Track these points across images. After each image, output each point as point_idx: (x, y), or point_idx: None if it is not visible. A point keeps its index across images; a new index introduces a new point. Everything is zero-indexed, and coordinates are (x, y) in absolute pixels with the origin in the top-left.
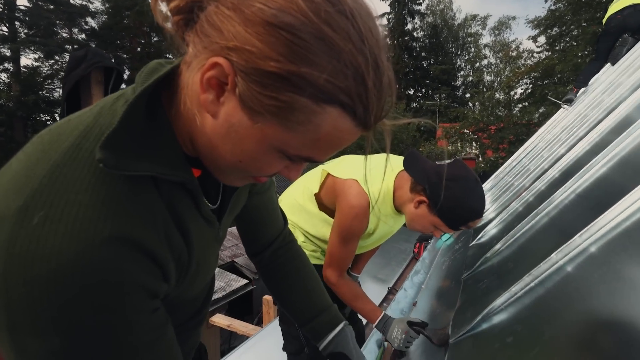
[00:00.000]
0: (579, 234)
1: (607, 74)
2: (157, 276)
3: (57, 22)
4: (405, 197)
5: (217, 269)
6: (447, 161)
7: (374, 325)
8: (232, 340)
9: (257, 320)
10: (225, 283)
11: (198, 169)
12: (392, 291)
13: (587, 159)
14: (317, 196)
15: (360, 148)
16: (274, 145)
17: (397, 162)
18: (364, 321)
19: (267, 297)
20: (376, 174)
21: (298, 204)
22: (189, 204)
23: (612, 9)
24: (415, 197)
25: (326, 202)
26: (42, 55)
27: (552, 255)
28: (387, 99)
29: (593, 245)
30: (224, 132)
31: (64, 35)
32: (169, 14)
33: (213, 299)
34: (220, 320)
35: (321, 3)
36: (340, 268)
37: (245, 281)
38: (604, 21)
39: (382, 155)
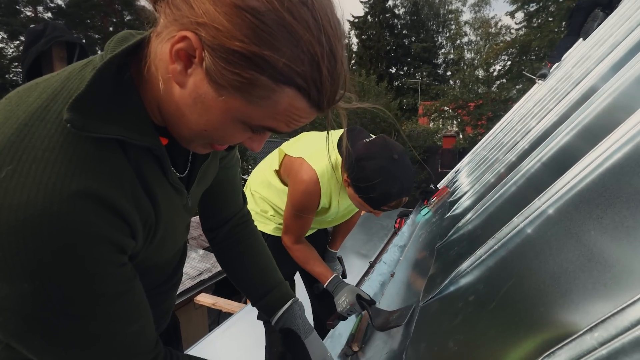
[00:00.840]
0: (538, 197)
1: (578, 49)
2: (124, 232)
3: None
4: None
5: (203, 251)
6: (372, 137)
7: (325, 286)
8: (220, 319)
9: (244, 299)
10: (211, 264)
11: (165, 138)
12: (373, 265)
13: (553, 130)
14: (277, 173)
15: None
16: (237, 117)
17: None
18: None
19: None
20: (326, 151)
21: (266, 179)
22: (156, 170)
23: None
24: (344, 176)
25: (284, 179)
26: (5, 36)
27: (514, 218)
28: (341, 85)
29: (551, 207)
30: (190, 101)
31: (28, 14)
32: None
33: (199, 280)
34: (205, 299)
35: None
36: (296, 236)
37: None
38: None
39: (341, 131)
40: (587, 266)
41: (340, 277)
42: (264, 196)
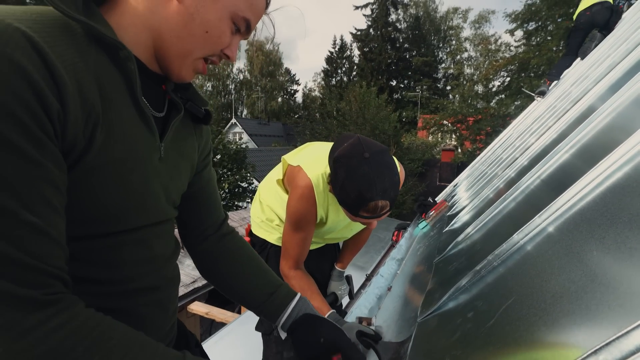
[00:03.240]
0: (538, 214)
1: (577, 68)
2: (48, 84)
3: None
4: None
5: None
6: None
7: None
8: (212, 329)
9: (237, 309)
10: None
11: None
12: (369, 278)
13: (552, 147)
14: (282, 182)
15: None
16: (229, 10)
17: None
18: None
19: None
20: (324, 160)
21: (273, 188)
22: (120, 80)
23: (582, 5)
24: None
25: (288, 188)
26: None
27: (514, 235)
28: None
29: (551, 225)
30: (192, 9)
31: None
32: None
33: (193, 288)
34: (198, 307)
35: None
36: (294, 259)
37: None
38: (574, 17)
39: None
40: (590, 287)
41: (343, 300)
42: (270, 205)
